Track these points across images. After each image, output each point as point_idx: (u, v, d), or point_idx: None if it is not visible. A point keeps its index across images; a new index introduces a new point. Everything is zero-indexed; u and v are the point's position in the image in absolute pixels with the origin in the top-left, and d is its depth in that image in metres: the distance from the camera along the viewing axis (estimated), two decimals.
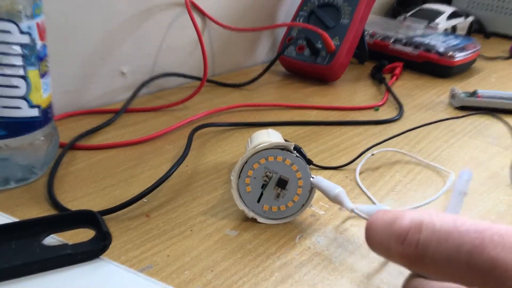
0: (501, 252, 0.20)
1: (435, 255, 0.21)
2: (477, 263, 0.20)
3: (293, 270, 0.39)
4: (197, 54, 0.79)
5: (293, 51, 0.85)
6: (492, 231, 0.20)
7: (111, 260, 0.38)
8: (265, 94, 0.78)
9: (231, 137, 0.62)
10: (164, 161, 0.54)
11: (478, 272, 0.20)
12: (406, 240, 0.22)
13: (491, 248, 0.20)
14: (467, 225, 0.21)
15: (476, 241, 0.20)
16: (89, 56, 0.67)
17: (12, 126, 0.45)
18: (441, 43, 0.93)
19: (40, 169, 0.49)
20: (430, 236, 0.21)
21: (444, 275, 0.22)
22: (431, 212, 0.22)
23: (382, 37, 0.97)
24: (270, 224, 0.44)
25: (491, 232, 0.20)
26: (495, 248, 0.20)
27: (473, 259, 0.20)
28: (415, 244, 0.22)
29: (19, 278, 0.35)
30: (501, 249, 0.20)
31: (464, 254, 0.21)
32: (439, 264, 0.21)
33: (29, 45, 0.44)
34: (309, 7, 0.87)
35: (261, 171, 0.43)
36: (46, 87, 0.47)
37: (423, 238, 0.21)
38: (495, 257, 0.20)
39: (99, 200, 0.46)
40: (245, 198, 0.44)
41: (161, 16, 0.75)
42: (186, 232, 0.43)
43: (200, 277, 0.37)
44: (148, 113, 0.68)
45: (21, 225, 0.39)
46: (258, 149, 0.43)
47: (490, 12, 1.28)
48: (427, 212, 0.22)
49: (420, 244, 0.22)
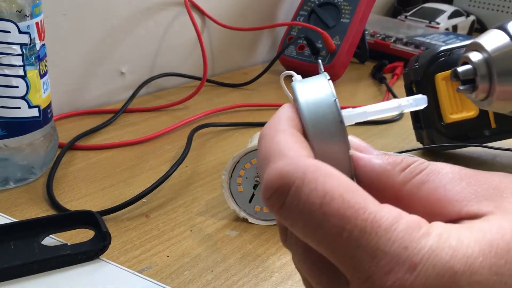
0: (351, 251, 0.18)
1: (293, 228, 0.19)
2: (326, 254, 0.19)
3: (293, 270, 0.39)
4: (196, 54, 0.79)
5: (293, 51, 0.85)
6: (356, 222, 0.18)
7: (111, 261, 0.37)
8: (265, 94, 0.77)
9: (231, 137, 0.62)
10: (163, 161, 0.54)
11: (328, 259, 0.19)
12: (270, 199, 0.19)
13: (342, 243, 0.18)
14: (335, 206, 0.18)
15: (333, 230, 0.18)
16: (88, 56, 0.67)
17: (11, 126, 0.45)
18: (442, 42, 0.93)
19: (39, 169, 0.49)
20: (292, 207, 0.19)
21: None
22: (308, 168, 0.19)
23: (382, 36, 0.97)
24: (263, 225, 0.44)
25: (354, 224, 0.18)
26: (347, 245, 0.18)
27: (323, 250, 0.19)
28: (277, 206, 0.19)
29: (18, 279, 0.35)
30: (354, 247, 0.18)
31: (317, 240, 0.19)
32: (297, 235, 0.20)
33: (29, 45, 0.44)
34: (309, 7, 0.86)
35: (252, 171, 0.43)
36: (46, 87, 0.47)
37: (286, 205, 0.19)
38: (344, 255, 0.18)
39: (99, 200, 0.46)
40: (236, 198, 0.44)
41: (160, 15, 0.74)
42: (185, 232, 0.42)
43: (200, 277, 0.37)
44: (148, 113, 0.68)
45: (20, 225, 0.39)
46: (250, 149, 0.42)
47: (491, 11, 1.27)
48: (304, 166, 0.19)
49: (282, 210, 0.19)
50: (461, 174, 0.21)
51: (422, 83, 0.52)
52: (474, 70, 0.21)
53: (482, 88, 0.21)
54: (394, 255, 0.17)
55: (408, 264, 0.17)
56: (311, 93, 0.21)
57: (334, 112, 0.21)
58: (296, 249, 0.22)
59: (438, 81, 0.51)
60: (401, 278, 0.17)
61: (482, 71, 0.21)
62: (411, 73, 0.54)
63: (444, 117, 0.52)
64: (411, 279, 0.17)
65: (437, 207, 0.20)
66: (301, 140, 0.21)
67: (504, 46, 0.21)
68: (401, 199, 0.20)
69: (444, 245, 0.18)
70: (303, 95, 0.21)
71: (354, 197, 0.18)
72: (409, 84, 0.55)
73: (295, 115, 0.22)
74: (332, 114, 0.21)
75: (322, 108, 0.21)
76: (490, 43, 0.21)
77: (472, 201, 0.20)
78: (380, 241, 0.18)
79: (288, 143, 0.20)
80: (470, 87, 0.21)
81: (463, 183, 0.21)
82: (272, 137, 0.21)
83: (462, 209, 0.20)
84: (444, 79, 0.51)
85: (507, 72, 0.20)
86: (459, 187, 0.21)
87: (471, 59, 0.21)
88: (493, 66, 0.20)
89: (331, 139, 0.21)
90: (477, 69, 0.21)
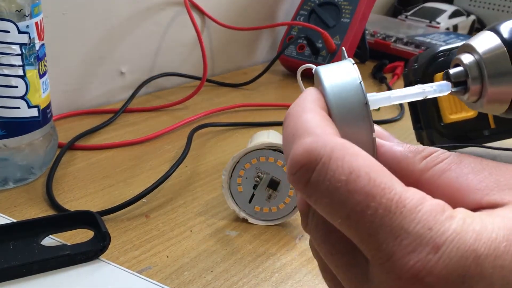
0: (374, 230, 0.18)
1: (317, 205, 0.19)
2: (348, 233, 0.19)
3: (293, 271, 0.39)
4: (196, 54, 0.79)
5: (294, 51, 0.85)
6: (382, 200, 0.18)
7: (110, 261, 0.37)
8: (265, 94, 0.77)
9: (231, 137, 0.61)
10: (163, 161, 0.54)
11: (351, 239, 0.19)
12: (296, 175, 0.19)
13: (366, 221, 0.18)
14: (361, 183, 0.18)
15: (358, 207, 0.18)
16: (88, 56, 0.67)
17: (11, 126, 0.45)
18: (442, 42, 0.93)
19: (39, 169, 0.49)
20: (318, 184, 0.18)
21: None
22: (336, 146, 0.19)
23: (383, 36, 0.97)
24: (263, 225, 0.44)
25: (379, 202, 0.18)
26: (371, 223, 0.18)
27: (346, 228, 0.18)
28: (303, 183, 0.19)
29: (18, 279, 0.35)
30: (377, 225, 0.18)
31: (341, 218, 0.18)
32: (321, 212, 0.19)
33: (28, 44, 0.44)
34: (309, 6, 0.86)
35: (252, 171, 0.43)
36: (45, 87, 0.47)
37: (312, 181, 0.19)
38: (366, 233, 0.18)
39: (98, 200, 0.46)
40: (236, 198, 0.44)
41: (160, 15, 0.74)
42: (185, 232, 0.42)
43: (200, 278, 0.37)
44: (148, 113, 0.68)
45: (20, 226, 0.39)
46: (250, 149, 0.42)
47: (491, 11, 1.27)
48: (331, 144, 0.19)
49: (307, 187, 0.19)
50: (483, 164, 0.21)
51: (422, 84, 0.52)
52: (466, 72, 0.21)
53: (474, 90, 0.21)
54: (417, 235, 0.17)
55: (432, 245, 0.17)
56: (336, 76, 0.21)
57: (359, 94, 0.21)
58: (316, 232, 0.21)
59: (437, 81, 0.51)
60: (424, 258, 0.17)
61: (474, 73, 0.21)
62: (410, 73, 0.54)
63: (444, 117, 0.52)
64: (434, 259, 0.17)
65: (458, 196, 0.20)
66: (327, 119, 0.21)
67: (495, 48, 0.21)
68: (420, 187, 0.20)
69: (468, 229, 0.18)
70: (328, 78, 0.21)
71: (380, 176, 0.18)
72: (409, 84, 0.55)
73: (320, 96, 0.22)
74: (357, 97, 0.21)
75: (347, 91, 0.21)
76: (481, 45, 0.21)
77: (493, 190, 0.20)
78: (404, 221, 0.18)
79: (315, 121, 0.20)
80: (462, 89, 0.22)
81: (485, 173, 0.21)
82: (299, 115, 0.21)
83: (483, 198, 0.20)
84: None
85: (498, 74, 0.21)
86: (481, 176, 0.21)
87: (463, 61, 0.22)
88: (484, 68, 0.21)
89: (356, 121, 0.21)
90: (469, 71, 0.21)
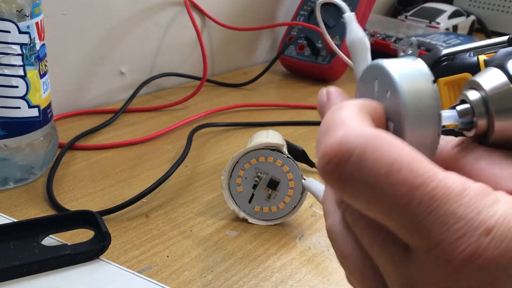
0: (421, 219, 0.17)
1: (353, 199, 0.19)
2: (391, 225, 0.18)
3: (293, 270, 0.39)
4: (196, 54, 0.79)
5: (293, 51, 0.85)
6: (427, 189, 0.17)
7: (111, 261, 0.37)
8: (265, 94, 0.77)
9: (231, 137, 0.61)
10: (163, 161, 0.54)
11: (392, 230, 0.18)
12: (326, 167, 0.18)
13: (412, 212, 0.17)
14: (404, 175, 0.17)
15: (402, 199, 0.17)
16: (88, 56, 0.67)
17: (11, 126, 0.45)
18: (442, 42, 0.93)
19: (39, 169, 0.49)
20: (354, 176, 0.18)
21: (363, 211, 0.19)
22: (371, 136, 0.18)
23: (383, 36, 0.97)
24: (263, 225, 0.44)
25: (424, 192, 0.17)
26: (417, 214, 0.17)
27: (389, 220, 0.18)
28: (335, 177, 0.18)
29: (18, 279, 0.35)
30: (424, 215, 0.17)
31: (383, 211, 0.18)
32: (358, 206, 0.19)
33: (28, 44, 0.44)
34: (309, 6, 0.86)
35: (252, 171, 0.43)
36: (46, 87, 0.47)
37: (346, 174, 0.18)
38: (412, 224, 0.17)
39: (98, 200, 0.46)
40: (236, 198, 0.44)
41: (160, 15, 0.74)
42: (186, 232, 0.42)
43: (200, 277, 0.37)
44: (148, 113, 0.68)
45: (20, 226, 0.39)
46: (249, 149, 0.42)
47: (491, 11, 1.27)
48: (366, 134, 0.18)
49: (340, 179, 0.18)
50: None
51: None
52: (472, 109, 0.22)
53: (480, 126, 0.22)
54: (468, 220, 0.17)
55: (483, 228, 0.17)
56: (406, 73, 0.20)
57: (435, 98, 0.20)
58: (355, 226, 0.21)
59: (440, 86, 0.51)
60: (475, 241, 0.17)
61: (480, 110, 0.22)
62: None
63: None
64: (485, 242, 0.17)
65: (490, 183, 0.20)
66: (366, 114, 0.20)
67: (502, 85, 0.22)
68: None
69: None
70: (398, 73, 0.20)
71: (422, 165, 0.18)
72: None
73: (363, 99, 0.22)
74: (433, 101, 0.20)
75: (422, 93, 0.20)
76: (487, 82, 0.22)
77: None
78: (453, 206, 0.17)
79: (352, 114, 0.20)
80: (468, 125, 0.22)
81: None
82: (335, 110, 0.20)
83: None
84: (447, 84, 0.51)
85: (505, 111, 0.21)
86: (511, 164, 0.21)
87: (469, 97, 0.22)
88: (491, 105, 0.21)
89: (426, 125, 0.20)
90: (475, 108, 0.22)
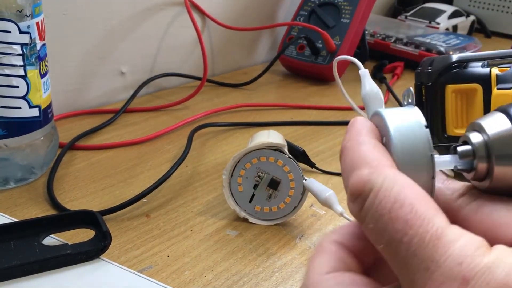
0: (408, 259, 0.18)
1: (365, 230, 0.21)
2: (389, 260, 0.19)
3: (293, 270, 0.39)
4: (196, 54, 0.79)
5: (294, 51, 0.85)
6: (419, 230, 0.18)
7: (111, 261, 0.38)
8: (265, 94, 0.78)
9: (231, 137, 0.62)
10: (164, 161, 0.54)
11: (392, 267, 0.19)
12: (353, 203, 0.21)
13: (402, 249, 0.18)
14: (403, 212, 0.19)
15: (397, 234, 0.19)
16: (88, 56, 0.67)
17: (12, 126, 0.45)
18: (442, 42, 0.93)
19: (39, 169, 0.49)
20: (367, 211, 0.20)
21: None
22: (387, 177, 0.20)
23: (382, 36, 0.97)
24: (264, 225, 0.44)
25: (416, 231, 0.18)
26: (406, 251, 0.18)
27: (387, 254, 0.19)
28: (358, 209, 0.20)
29: (18, 278, 0.35)
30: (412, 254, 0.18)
31: (383, 244, 0.19)
32: (369, 238, 0.20)
33: (29, 44, 0.44)
34: (309, 7, 0.86)
35: (253, 171, 0.43)
36: (46, 87, 0.47)
37: (364, 209, 0.20)
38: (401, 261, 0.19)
39: (99, 200, 0.46)
40: (237, 197, 0.44)
41: (160, 15, 0.75)
42: (186, 232, 0.43)
43: (201, 277, 0.37)
44: (148, 113, 0.68)
45: (21, 225, 0.39)
46: (250, 148, 0.42)
47: (491, 11, 1.27)
48: (383, 174, 0.20)
49: (361, 212, 0.20)
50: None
51: (432, 89, 0.52)
52: (473, 151, 0.22)
53: (480, 170, 0.22)
54: (447, 269, 0.18)
55: (461, 280, 0.17)
56: (402, 121, 0.22)
57: (426, 144, 0.22)
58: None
59: (448, 92, 0.50)
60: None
61: (481, 153, 0.22)
62: (423, 75, 0.53)
63: (448, 129, 0.51)
64: None
65: (493, 231, 0.21)
66: (382, 150, 0.22)
67: (505, 131, 0.22)
68: (459, 224, 0.20)
69: (500, 263, 0.18)
70: (393, 122, 0.22)
71: (424, 208, 0.19)
72: (419, 85, 0.54)
73: (373, 126, 0.23)
74: (423, 146, 0.22)
75: (413, 138, 0.22)
76: (491, 126, 0.22)
77: None
78: (436, 253, 0.18)
79: (371, 153, 0.22)
80: (468, 167, 0.22)
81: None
82: (356, 148, 0.22)
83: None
84: (454, 91, 0.50)
85: (506, 156, 0.21)
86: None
87: (471, 139, 0.22)
88: (492, 149, 0.21)
89: (418, 169, 0.22)
90: (476, 150, 0.22)
